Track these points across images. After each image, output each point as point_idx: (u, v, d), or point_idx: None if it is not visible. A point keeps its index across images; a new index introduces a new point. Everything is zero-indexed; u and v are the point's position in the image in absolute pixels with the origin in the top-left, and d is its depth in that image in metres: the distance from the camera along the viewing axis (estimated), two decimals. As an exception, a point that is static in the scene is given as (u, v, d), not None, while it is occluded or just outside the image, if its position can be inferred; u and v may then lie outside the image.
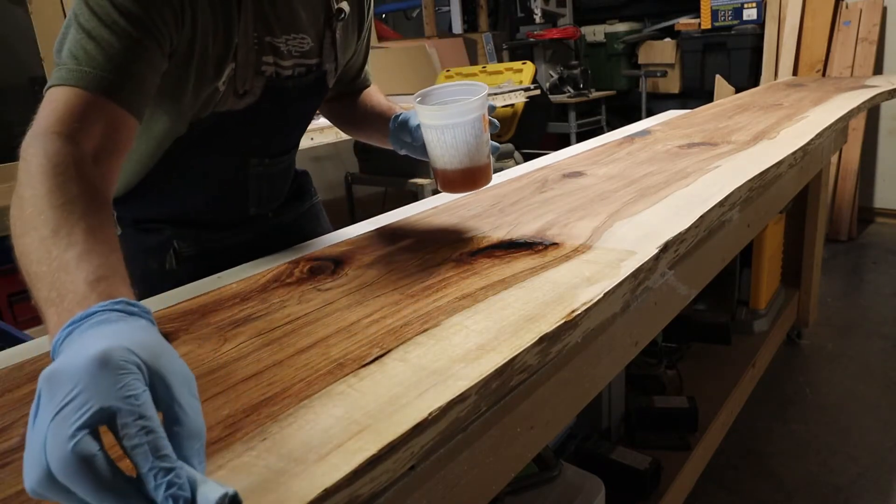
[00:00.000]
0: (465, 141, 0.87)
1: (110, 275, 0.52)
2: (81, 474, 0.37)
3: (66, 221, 0.56)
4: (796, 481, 1.70)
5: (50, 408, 0.39)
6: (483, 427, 0.63)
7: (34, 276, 0.53)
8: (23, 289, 0.54)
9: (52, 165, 0.62)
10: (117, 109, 0.72)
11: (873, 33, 3.46)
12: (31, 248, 0.55)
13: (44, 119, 0.68)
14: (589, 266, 0.80)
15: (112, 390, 0.39)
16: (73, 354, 0.41)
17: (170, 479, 0.38)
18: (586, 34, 4.91)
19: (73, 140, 0.67)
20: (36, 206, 0.57)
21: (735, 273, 2.13)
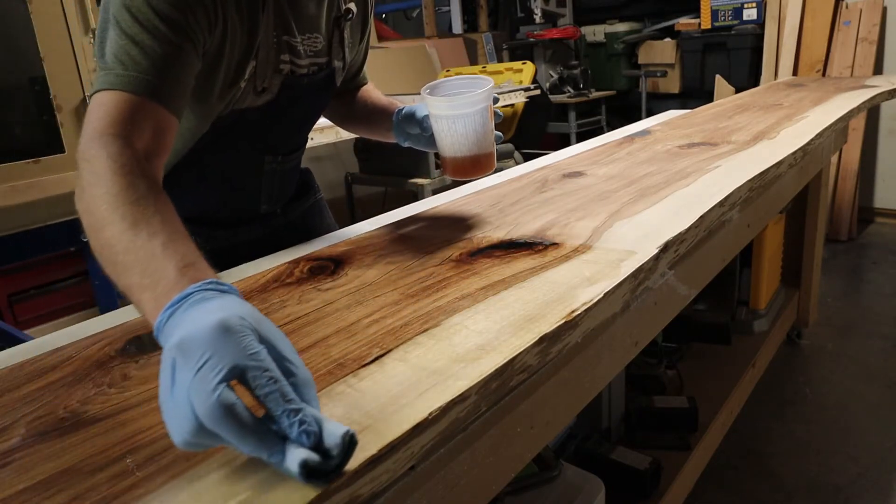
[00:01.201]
0: (473, 129, 0.94)
1: (195, 260, 0.57)
2: (227, 420, 0.43)
3: (143, 215, 0.61)
4: (796, 481, 1.70)
5: (188, 370, 0.44)
6: (483, 427, 0.63)
7: (121, 264, 0.58)
8: (23, 289, 0.55)
9: (119, 165, 0.66)
10: (163, 111, 0.76)
11: (873, 33, 3.46)
12: (114, 240, 0.59)
13: (98, 122, 0.71)
14: (589, 266, 0.80)
15: (237, 350, 0.45)
16: (193, 326, 0.46)
17: (300, 419, 0.44)
18: (586, 34, 4.91)
19: (128, 141, 0.70)
20: (110, 203, 0.62)
21: (735, 273, 2.13)
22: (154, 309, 0.53)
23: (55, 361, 0.70)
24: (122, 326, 0.77)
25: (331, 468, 0.45)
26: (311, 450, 0.44)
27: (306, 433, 0.44)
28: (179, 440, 0.45)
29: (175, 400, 0.45)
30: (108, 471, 0.49)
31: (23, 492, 0.48)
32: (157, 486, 0.47)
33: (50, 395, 0.62)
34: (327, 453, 0.44)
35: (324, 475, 0.44)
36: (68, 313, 2.94)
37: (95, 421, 0.57)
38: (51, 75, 1.70)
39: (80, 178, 0.66)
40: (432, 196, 1.28)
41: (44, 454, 0.52)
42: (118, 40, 0.75)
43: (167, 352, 0.46)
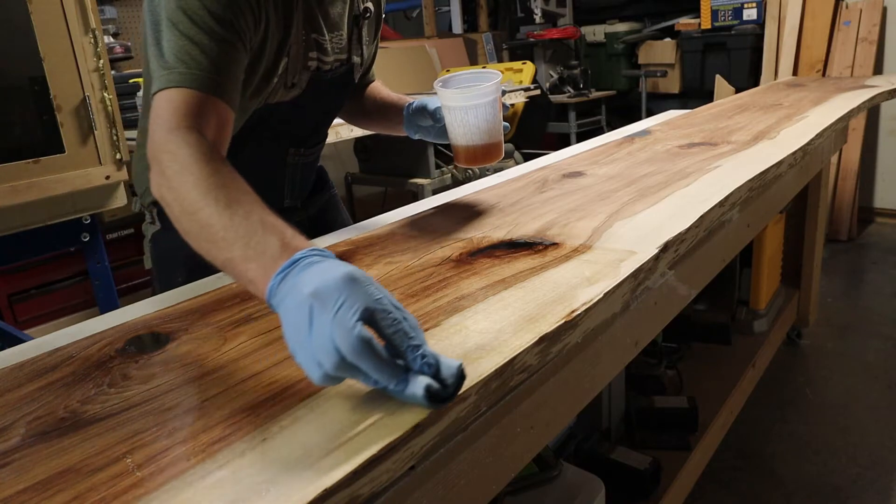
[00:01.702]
0: (485, 119, 1.00)
1: (292, 232, 0.63)
2: (366, 353, 0.50)
3: (234, 196, 0.66)
4: (796, 481, 1.70)
5: (326, 312, 0.51)
6: (483, 427, 0.63)
7: (222, 240, 0.64)
8: (23, 289, 0.56)
9: (201, 154, 0.72)
10: (223, 106, 0.81)
11: (873, 33, 3.46)
12: (212, 220, 0.65)
13: (171, 116, 0.76)
14: (589, 266, 0.80)
15: (366, 296, 0.52)
16: (322, 278, 0.53)
17: (421, 353, 0.52)
18: (586, 34, 4.90)
19: (201, 133, 0.76)
20: (201, 188, 0.67)
21: (735, 273, 2.13)
22: (262, 276, 0.59)
23: (55, 361, 0.70)
24: (122, 326, 0.77)
25: (448, 395, 0.52)
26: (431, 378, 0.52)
27: (427, 364, 0.52)
28: (319, 375, 0.51)
29: (315, 340, 0.51)
30: (108, 471, 0.49)
31: (23, 492, 0.48)
32: (157, 486, 0.47)
33: (50, 395, 0.62)
34: (444, 382, 0.52)
35: (442, 401, 0.51)
36: (68, 313, 2.94)
37: (95, 421, 0.57)
38: (51, 75, 1.70)
39: (164, 168, 0.72)
40: (432, 196, 1.28)
41: (44, 454, 0.52)
42: (177, 41, 0.79)
43: (302, 301, 0.52)
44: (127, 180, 1.89)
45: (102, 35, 1.80)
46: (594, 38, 4.88)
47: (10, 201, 1.66)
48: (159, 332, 0.75)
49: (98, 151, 1.81)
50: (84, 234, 1.90)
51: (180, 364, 0.66)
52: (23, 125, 1.84)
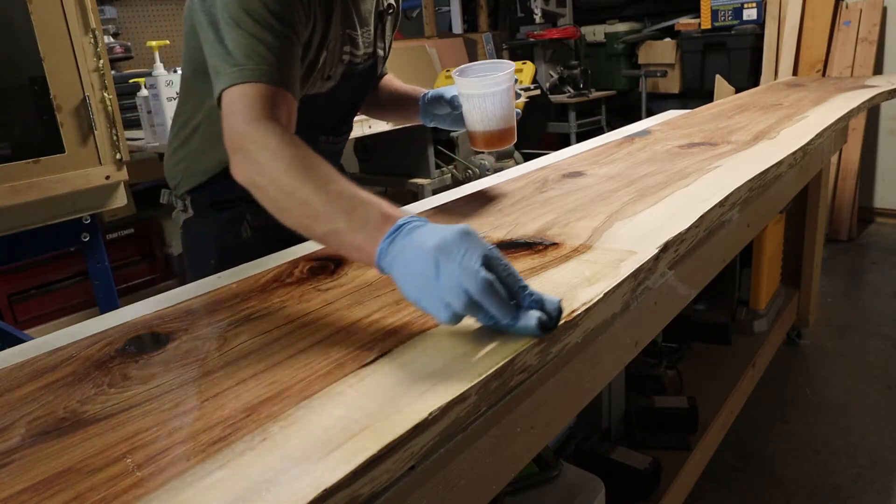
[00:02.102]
0: (501, 106, 1.07)
1: (387, 204, 0.70)
2: (489, 292, 0.59)
3: (325, 176, 0.73)
4: (796, 481, 1.70)
5: (452, 261, 0.60)
6: (483, 427, 0.63)
7: (324, 215, 0.71)
8: (23, 289, 0.56)
9: (287, 141, 0.78)
10: (290, 97, 0.88)
11: (873, 33, 3.46)
12: (310, 198, 0.72)
13: (248, 109, 0.82)
14: (589, 266, 0.80)
15: (482, 246, 0.61)
16: (441, 235, 0.62)
17: (529, 292, 0.63)
18: (586, 34, 4.90)
19: (279, 122, 0.82)
20: (294, 171, 0.74)
21: (735, 273, 2.13)
22: (370, 242, 0.67)
23: (55, 361, 0.70)
24: (122, 326, 0.77)
25: (553, 325, 0.63)
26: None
27: (535, 301, 0.63)
28: (448, 315, 0.61)
29: (443, 284, 0.60)
30: (108, 471, 0.49)
31: (23, 492, 0.48)
32: (157, 486, 0.47)
33: (50, 395, 0.62)
34: (549, 314, 0.63)
35: (549, 329, 0.63)
36: (68, 313, 2.94)
37: (95, 421, 0.57)
38: (51, 75, 1.70)
39: (253, 156, 0.78)
40: (432, 196, 1.28)
41: (44, 454, 0.52)
42: (242, 40, 0.85)
43: (427, 253, 0.61)
44: (127, 180, 1.89)
45: (102, 35, 1.80)
46: (594, 38, 4.88)
47: (10, 201, 1.66)
48: (159, 332, 0.75)
49: (98, 151, 1.81)
50: (84, 234, 1.90)
51: (180, 364, 0.66)
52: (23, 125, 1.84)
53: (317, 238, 0.74)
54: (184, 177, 1.17)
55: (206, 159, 1.13)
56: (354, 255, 0.71)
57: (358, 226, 0.69)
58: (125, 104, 2.85)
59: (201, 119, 1.11)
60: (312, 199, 0.72)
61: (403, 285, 0.64)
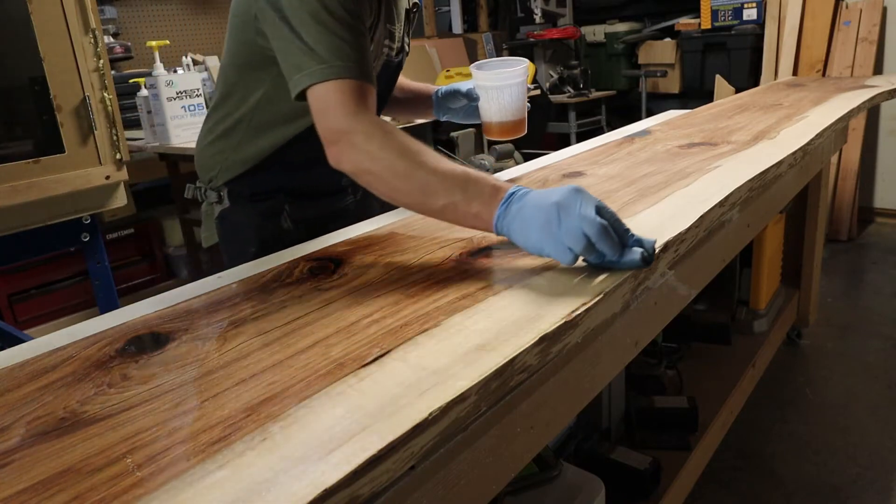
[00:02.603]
0: (518, 97, 1.17)
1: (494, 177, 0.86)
2: (605, 235, 0.73)
3: (432, 158, 0.85)
4: (796, 481, 1.70)
5: (571, 212, 0.73)
6: (483, 427, 0.63)
7: (442, 191, 0.82)
8: (23, 289, 0.56)
9: (389, 129, 0.87)
10: (372, 89, 0.94)
11: (873, 33, 3.46)
12: (427, 178, 0.83)
13: (345, 104, 0.89)
14: (589, 266, 0.80)
15: (593, 198, 0.75)
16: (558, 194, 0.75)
17: (631, 234, 0.77)
18: (586, 34, 4.90)
19: (374, 113, 0.91)
20: (407, 156, 0.84)
21: (735, 273, 2.13)
22: (486, 210, 0.80)
23: (55, 361, 0.70)
24: (122, 326, 0.77)
25: (650, 260, 0.76)
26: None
27: (636, 241, 0.77)
28: (570, 258, 0.75)
29: (565, 232, 0.74)
30: (108, 471, 0.49)
31: (23, 492, 0.48)
32: (157, 486, 0.47)
33: (50, 395, 0.62)
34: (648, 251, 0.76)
35: (648, 263, 0.76)
36: (68, 313, 2.94)
37: (95, 421, 0.57)
38: (51, 75, 1.70)
39: (364, 146, 0.86)
40: (432, 196, 1.28)
41: (44, 454, 0.52)
42: (325, 37, 0.90)
43: (549, 208, 0.75)
44: (127, 180, 1.89)
45: (102, 35, 1.80)
46: (594, 38, 4.88)
47: (10, 201, 1.66)
48: (159, 332, 0.75)
49: (98, 151, 1.81)
50: (84, 234, 1.90)
51: (180, 364, 0.66)
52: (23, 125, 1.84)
53: (433, 213, 0.85)
54: (222, 168, 1.20)
55: (247, 150, 1.16)
56: (471, 222, 0.83)
57: (473, 197, 0.81)
58: (125, 104, 2.85)
59: (246, 111, 1.14)
60: (429, 179, 0.82)
61: (525, 240, 0.78)
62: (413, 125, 2.89)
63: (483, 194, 0.81)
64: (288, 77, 0.94)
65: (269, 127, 1.14)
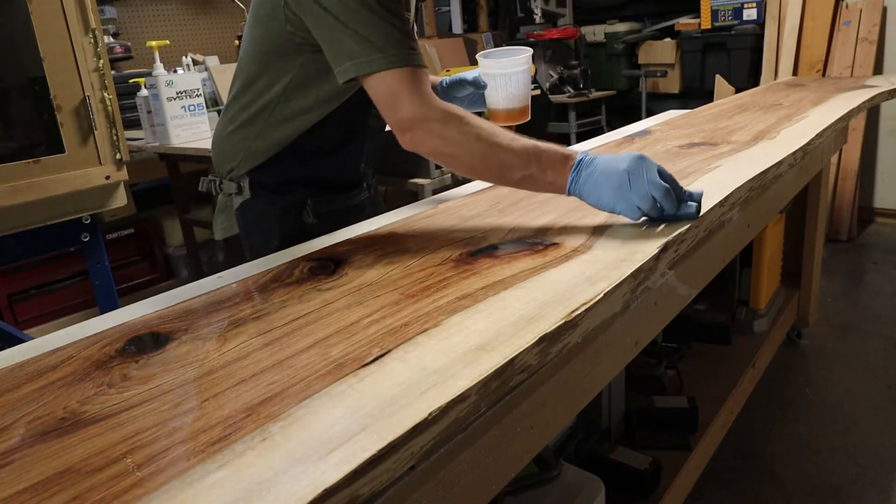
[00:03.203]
0: (523, 84, 1.21)
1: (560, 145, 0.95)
2: (668, 195, 0.90)
3: (507, 135, 0.94)
4: (796, 481, 1.70)
5: (641, 177, 0.88)
6: (483, 427, 0.63)
7: (518, 166, 0.93)
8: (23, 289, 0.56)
9: (462, 114, 0.95)
10: (428, 73, 1.01)
11: (873, 33, 3.46)
12: (505, 155, 0.93)
13: (414, 92, 0.95)
14: (589, 266, 0.80)
15: (655, 164, 0.90)
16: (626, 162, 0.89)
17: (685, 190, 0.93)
18: (586, 34, 4.90)
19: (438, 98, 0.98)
20: (483, 137, 0.94)
21: (735, 273, 2.13)
22: (560, 177, 0.93)
23: (55, 361, 0.70)
24: (122, 326, 0.77)
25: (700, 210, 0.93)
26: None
27: (690, 196, 0.93)
28: (638, 215, 0.91)
29: (635, 193, 0.88)
30: (108, 471, 0.49)
31: (23, 492, 0.48)
32: (157, 486, 0.47)
33: (50, 395, 0.62)
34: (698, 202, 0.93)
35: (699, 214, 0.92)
36: (68, 313, 2.94)
37: (95, 421, 0.57)
38: (51, 75, 1.70)
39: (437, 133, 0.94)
40: (432, 196, 1.28)
41: (44, 454, 0.52)
42: (384, 26, 0.95)
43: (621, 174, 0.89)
44: (127, 180, 1.89)
45: (102, 35, 1.79)
46: (594, 38, 4.88)
47: (10, 201, 1.66)
48: (159, 332, 0.75)
49: (98, 151, 1.81)
50: (84, 234, 1.90)
51: (180, 364, 0.66)
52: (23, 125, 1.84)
53: (511, 184, 0.97)
54: (245, 157, 1.20)
55: (271, 137, 1.17)
56: (548, 189, 0.95)
57: (547, 167, 0.93)
58: (125, 104, 2.85)
59: (272, 98, 1.15)
60: (505, 157, 0.93)
61: (598, 201, 0.91)
62: None
63: (555, 163, 0.93)
64: (336, 63, 0.98)
65: (294, 114, 1.15)
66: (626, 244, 0.86)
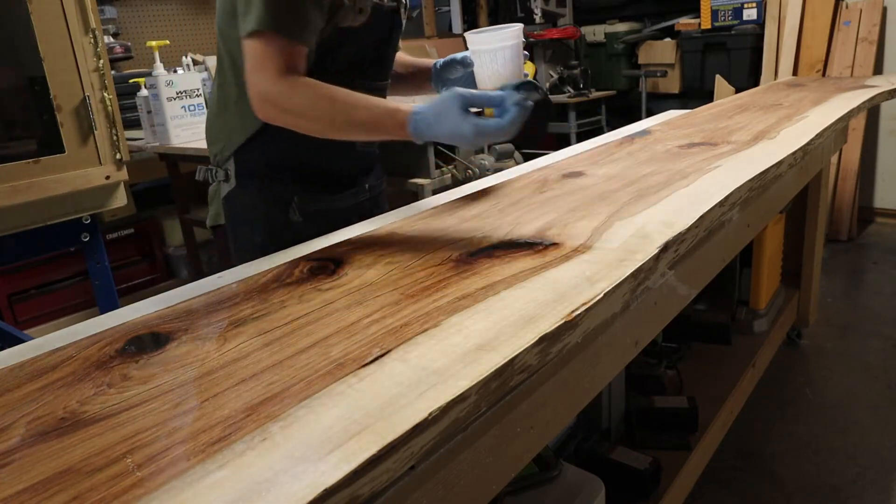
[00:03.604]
0: (512, 60, 1.13)
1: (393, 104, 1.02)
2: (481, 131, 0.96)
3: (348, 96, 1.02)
4: (796, 481, 1.70)
5: (456, 110, 0.95)
6: (483, 427, 0.63)
7: (363, 106, 1.01)
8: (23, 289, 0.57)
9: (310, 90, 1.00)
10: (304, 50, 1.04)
11: (873, 33, 3.46)
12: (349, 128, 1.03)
13: (276, 65, 0.99)
14: (589, 266, 0.80)
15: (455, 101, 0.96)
16: (442, 103, 0.96)
17: (508, 94, 0.99)
18: (586, 34, 4.90)
19: (297, 73, 1.03)
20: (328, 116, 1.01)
21: (735, 273, 2.13)
22: (402, 125, 0.99)
23: (55, 361, 0.70)
24: (122, 326, 0.77)
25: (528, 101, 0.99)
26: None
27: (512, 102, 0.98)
28: (468, 145, 0.99)
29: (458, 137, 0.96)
30: (108, 471, 0.49)
31: (23, 492, 0.48)
32: (157, 486, 0.47)
33: (50, 395, 0.62)
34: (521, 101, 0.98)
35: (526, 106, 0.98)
36: (68, 313, 2.94)
37: (95, 421, 0.57)
38: (51, 75, 1.70)
39: (283, 107, 1.00)
40: (432, 196, 1.28)
41: (44, 454, 0.52)
42: None
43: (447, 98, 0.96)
44: (127, 180, 1.89)
45: (102, 35, 1.80)
46: (594, 38, 4.88)
47: (10, 201, 1.66)
48: (159, 332, 0.75)
49: (98, 151, 1.81)
50: (84, 234, 1.90)
51: (180, 364, 0.66)
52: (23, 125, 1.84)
53: (361, 137, 1.07)
54: (228, 138, 1.19)
55: (247, 114, 1.14)
56: (397, 134, 1.00)
57: (383, 116, 0.98)
58: (125, 104, 2.85)
59: (237, 72, 1.13)
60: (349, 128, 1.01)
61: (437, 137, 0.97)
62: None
63: (398, 111, 0.99)
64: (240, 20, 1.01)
65: None
66: (626, 244, 0.86)
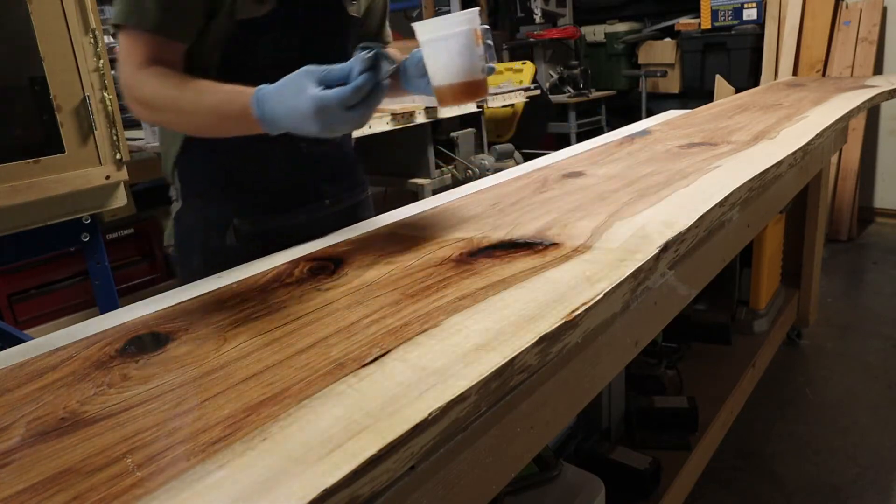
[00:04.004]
0: (459, 52, 0.91)
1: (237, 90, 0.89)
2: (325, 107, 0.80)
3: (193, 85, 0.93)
4: (796, 481, 1.70)
5: (300, 85, 0.80)
6: (483, 427, 0.63)
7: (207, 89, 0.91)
8: (23, 289, 0.57)
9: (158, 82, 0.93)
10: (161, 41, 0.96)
11: (873, 33, 3.46)
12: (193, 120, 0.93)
13: (134, 59, 0.95)
14: (589, 266, 0.80)
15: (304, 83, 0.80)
16: (289, 79, 0.82)
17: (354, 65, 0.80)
18: (586, 34, 4.90)
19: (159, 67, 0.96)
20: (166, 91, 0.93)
21: (735, 273, 2.13)
22: (243, 107, 0.85)
23: (55, 361, 0.70)
24: (122, 326, 0.77)
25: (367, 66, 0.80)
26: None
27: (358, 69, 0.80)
28: (317, 130, 0.81)
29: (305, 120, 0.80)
30: (108, 471, 0.49)
31: (23, 492, 0.48)
32: (157, 486, 0.47)
33: (50, 395, 0.62)
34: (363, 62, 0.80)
35: (369, 68, 0.80)
36: (68, 313, 2.94)
37: (95, 421, 0.57)
38: (51, 75, 1.70)
39: (139, 101, 0.95)
40: (432, 196, 1.28)
41: (44, 454, 0.52)
42: None
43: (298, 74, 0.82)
44: (127, 180, 1.89)
45: (102, 35, 1.80)
46: (594, 38, 4.89)
47: (10, 201, 1.66)
48: (159, 332, 0.75)
49: (98, 151, 1.81)
50: (84, 234, 1.90)
51: (180, 364, 0.66)
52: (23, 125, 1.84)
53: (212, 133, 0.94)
54: (166, 151, 1.14)
55: None
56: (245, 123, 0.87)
57: (227, 100, 0.88)
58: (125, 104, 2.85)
59: None
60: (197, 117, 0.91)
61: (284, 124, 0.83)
62: (413, 125, 2.89)
63: (243, 93, 0.87)
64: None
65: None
66: (626, 244, 0.86)
